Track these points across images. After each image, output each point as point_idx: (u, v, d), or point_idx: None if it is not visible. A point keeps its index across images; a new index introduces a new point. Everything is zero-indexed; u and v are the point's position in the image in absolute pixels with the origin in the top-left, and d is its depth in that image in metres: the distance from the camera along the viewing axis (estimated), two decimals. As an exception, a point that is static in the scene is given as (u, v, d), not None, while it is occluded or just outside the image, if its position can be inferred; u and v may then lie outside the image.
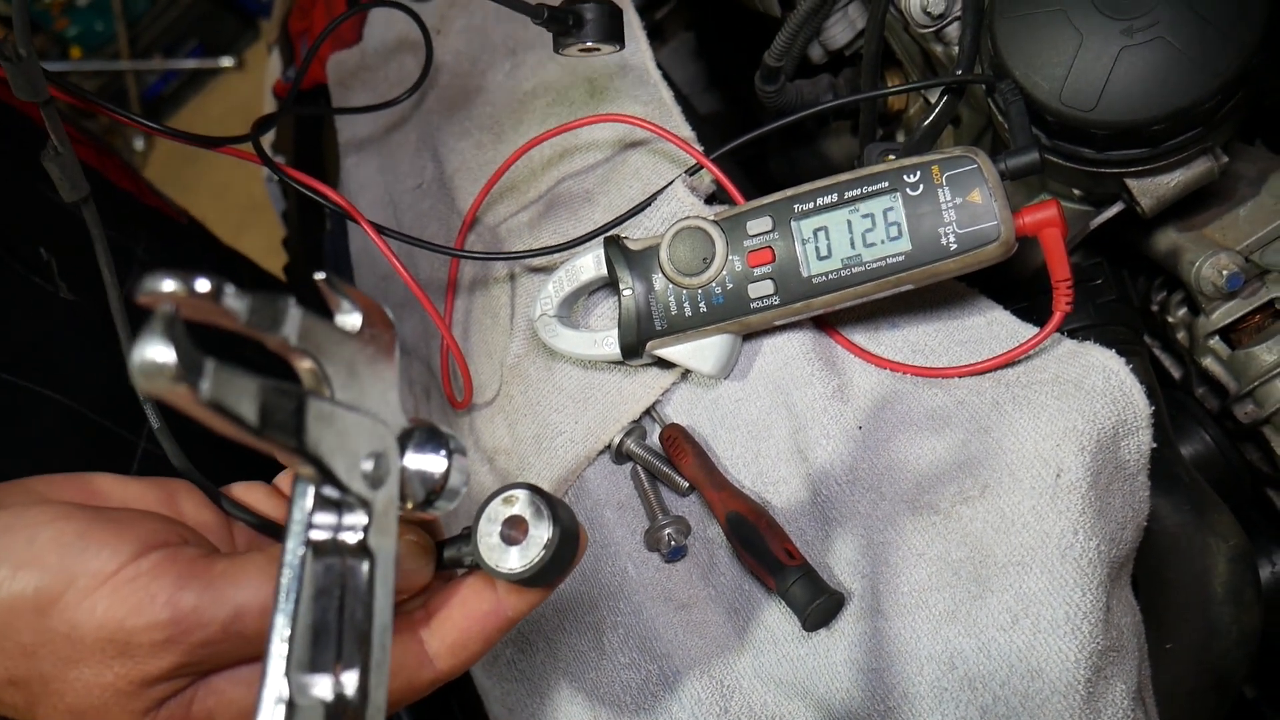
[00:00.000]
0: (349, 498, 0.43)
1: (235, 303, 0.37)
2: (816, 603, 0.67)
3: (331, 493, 0.43)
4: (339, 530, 0.44)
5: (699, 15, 1.29)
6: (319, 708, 0.41)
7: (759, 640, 0.71)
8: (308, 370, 0.43)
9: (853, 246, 0.71)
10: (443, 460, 0.48)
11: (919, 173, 0.70)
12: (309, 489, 0.43)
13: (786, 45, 0.88)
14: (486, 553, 0.52)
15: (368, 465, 0.44)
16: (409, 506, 0.48)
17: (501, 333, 0.89)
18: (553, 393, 0.83)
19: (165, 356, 0.34)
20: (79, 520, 0.49)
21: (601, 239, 0.80)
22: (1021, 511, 0.66)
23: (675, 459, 0.77)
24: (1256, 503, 0.85)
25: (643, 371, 0.81)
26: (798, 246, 0.73)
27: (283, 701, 0.40)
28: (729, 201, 0.81)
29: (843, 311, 0.76)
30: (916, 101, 0.94)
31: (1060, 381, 0.69)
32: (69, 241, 0.92)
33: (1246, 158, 0.80)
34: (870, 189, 0.71)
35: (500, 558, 0.52)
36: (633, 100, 0.90)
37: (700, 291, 0.75)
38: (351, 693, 0.42)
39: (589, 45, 0.75)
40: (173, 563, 0.49)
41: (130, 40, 3.34)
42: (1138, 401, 0.68)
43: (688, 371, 0.79)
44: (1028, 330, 0.73)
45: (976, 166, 0.68)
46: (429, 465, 0.48)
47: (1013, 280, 0.83)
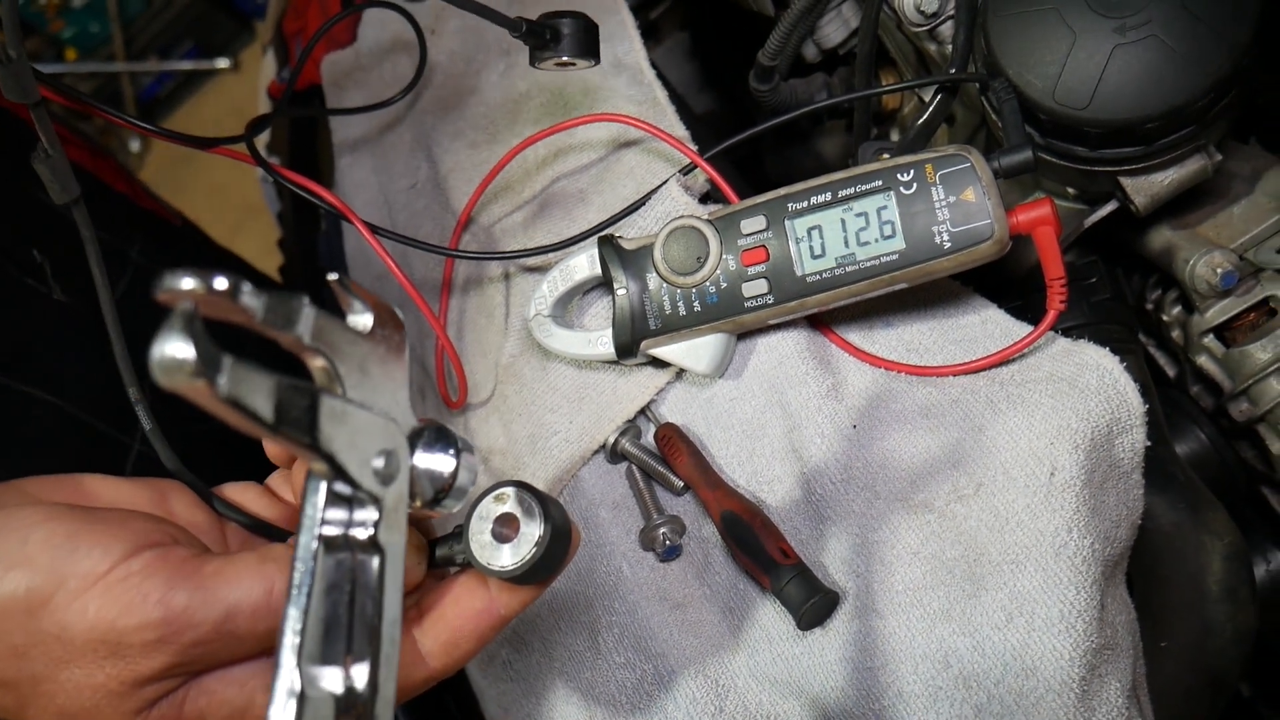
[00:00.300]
0: (360, 494, 0.44)
1: (252, 301, 0.38)
2: (811, 602, 0.67)
3: (343, 489, 0.44)
4: (350, 526, 0.44)
5: (694, 14, 1.29)
6: (329, 700, 0.41)
7: (754, 639, 0.71)
8: (320, 368, 0.43)
9: (846, 245, 0.71)
10: (451, 460, 0.49)
11: (912, 171, 0.70)
12: (321, 485, 0.44)
13: (780, 44, 0.88)
14: (478, 550, 0.52)
15: (378, 462, 0.44)
16: (417, 504, 0.49)
17: (496, 332, 0.89)
18: (547, 392, 0.83)
19: (185, 352, 0.35)
20: (69, 521, 0.49)
21: (595, 238, 0.80)
22: (1016, 510, 0.66)
23: (670, 458, 0.77)
24: (1251, 501, 0.85)
25: (637, 371, 0.81)
26: (792, 245, 0.73)
27: (294, 694, 0.40)
28: (723, 200, 0.81)
29: (837, 310, 0.76)
30: (911, 100, 0.94)
31: (1054, 380, 0.69)
32: (63, 243, 0.92)
33: (1240, 156, 0.81)
34: (864, 188, 0.71)
35: (492, 555, 0.52)
36: (627, 100, 0.90)
37: (694, 291, 0.75)
38: (361, 686, 0.42)
39: (565, 60, 0.76)
40: (164, 563, 0.49)
41: (125, 42, 3.33)
42: (1132, 400, 0.68)
43: (682, 371, 0.79)
44: (1022, 329, 0.73)
45: (970, 165, 0.68)
46: (438, 464, 0.48)
47: (1007, 279, 0.83)
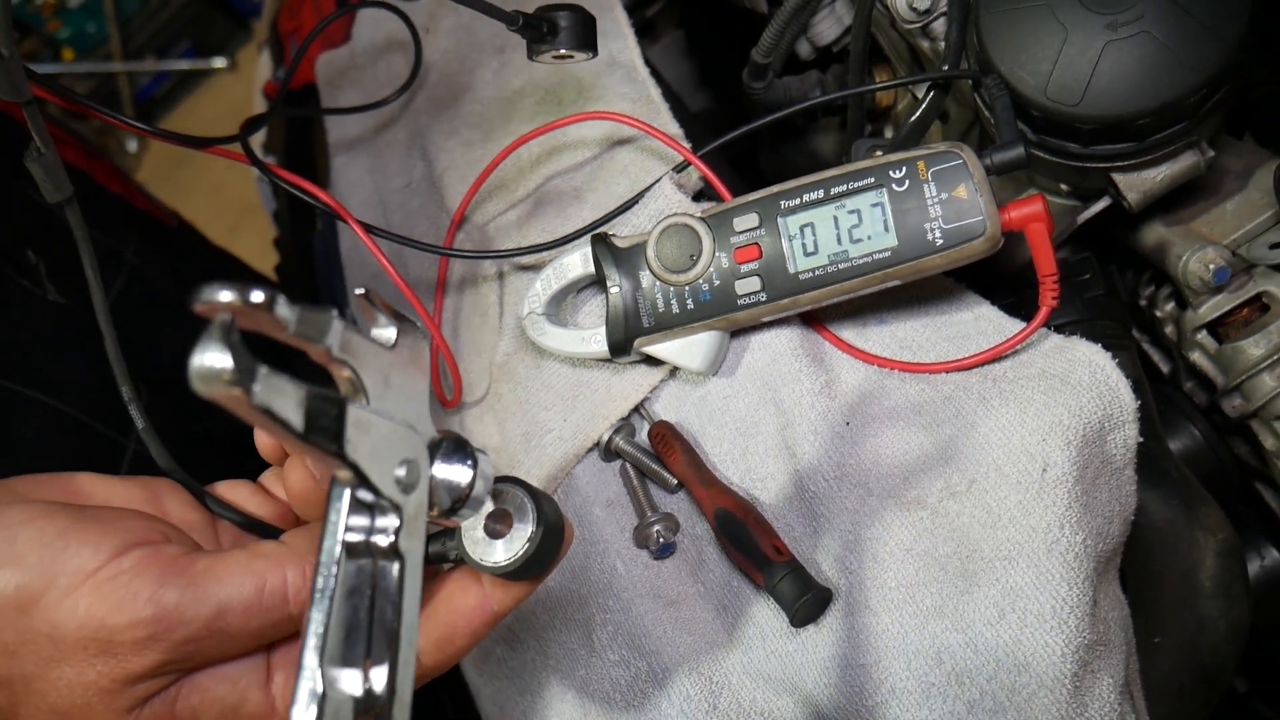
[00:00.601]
0: (382, 501, 0.45)
1: (286, 313, 0.39)
2: (804, 598, 0.67)
3: (366, 496, 0.45)
4: (371, 533, 0.45)
5: (690, 12, 1.29)
6: (349, 702, 0.42)
7: (747, 636, 0.71)
8: (346, 379, 0.45)
9: (839, 242, 0.71)
10: (468, 471, 0.49)
11: (904, 168, 0.70)
12: (345, 492, 0.45)
13: (774, 42, 0.88)
14: (471, 547, 0.52)
15: (400, 471, 0.45)
16: (434, 514, 0.49)
17: (490, 331, 0.89)
18: (541, 390, 0.83)
19: (223, 362, 0.36)
20: (60, 519, 0.49)
21: (589, 237, 0.80)
22: (1008, 506, 0.66)
23: (664, 456, 0.77)
24: (1245, 496, 0.85)
25: (631, 369, 0.81)
26: (784, 243, 0.73)
27: (316, 695, 0.41)
28: (717, 198, 0.81)
29: (830, 307, 0.76)
30: (904, 97, 0.94)
31: (1046, 376, 0.69)
32: (58, 245, 0.92)
33: (1233, 152, 0.81)
34: (856, 185, 0.71)
35: (485, 552, 0.52)
36: (620, 98, 0.90)
37: (687, 288, 0.75)
38: (380, 688, 0.43)
39: (562, 52, 0.76)
40: (154, 560, 0.49)
41: (122, 42, 3.33)
42: (1124, 396, 0.68)
43: (676, 369, 0.80)
44: (1014, 325, 0.74)
45: (962, 162, 0.68)
46: (455, 475, 0.49)
47: (1000, 275, 0.83)
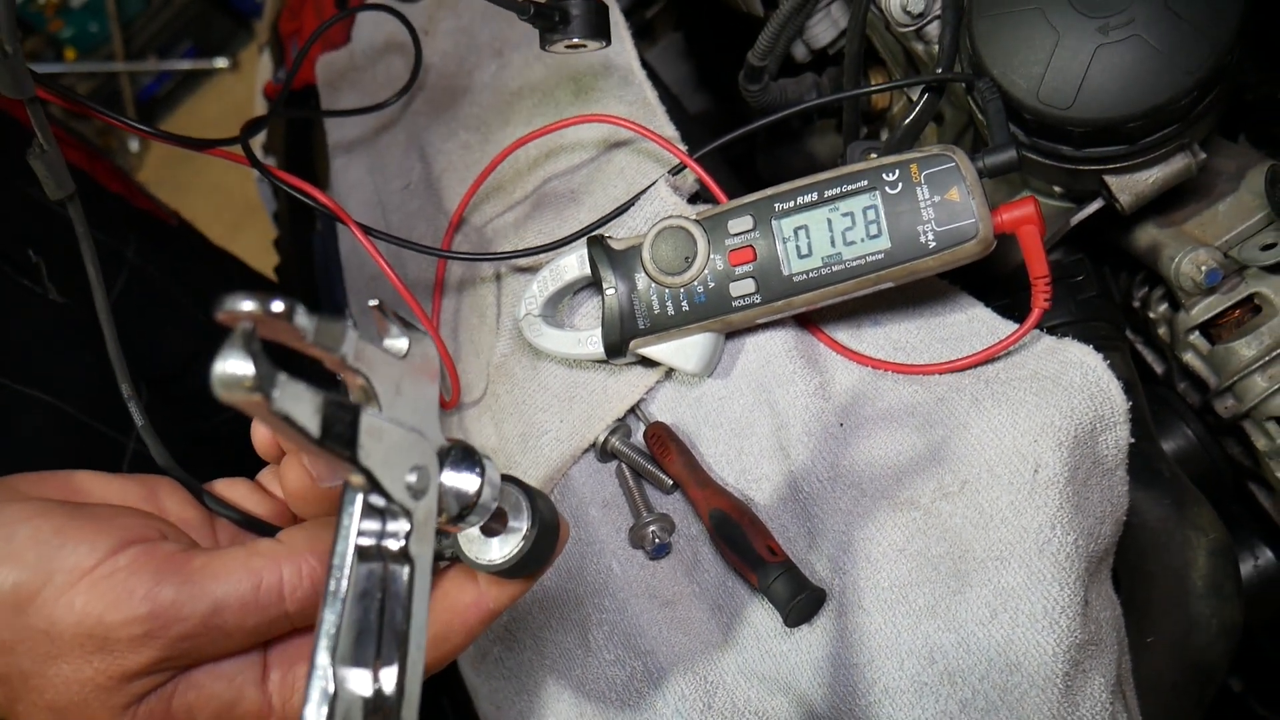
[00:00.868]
0: (393, 506, 0.45)
1: (304, 323, 0.40)
2: (798, 599, 0.67)
3: (378, 501, 0.46)
4: (383, 537, 0.46)
5: (688, 14, 1.29)
6: (359, 702, 0.43)
7: (742, 636, 0.72)
8: (359, 387, 0.46)
9: (833, 245, 0.72)
10: (476, 479, 0.50)
11: (897, 171, 0.70)
12: (358, 497, 0.46)
13: (770, 44, 0.88)
14: (466, 545, 0.52)
15: (411, 478, 0.46)
16: (442, 520, 0.50)
17: (488, 332, 0.90)
18: (538, 392, 0.83)
19: (245, 369, 0.37)
20: (56, 516, 0.49)
21: (585, 239, 0.81)
22: (1000, 507, 0.66)
23: (659, 457, 0.77)
24: (1238, 496, 0.86)
25: (627, 370, 0.81)
26: (779, 245, 0.73)
27: (328, 695, 0.42)
28: (713, 200, 0.81)
29: (825, 309, 0.77)
30: (900, 100, 0.94)
31: (1038, 378, 0.70)
32: (58, 244, 0.93)
33: (1225, 154, 0.81)
34: (849, 188, 0.71)
35: (480, 550, 0.52)
36: (617, 100, 0.90)
37: (683, 290, 0.76)
38: (389, 689, 0.44)
39: (575, 41, 0.75)
40: (151, 557, 0.49)
41: (124, 41, 3.34)
42: (1115, 397, 0.69)
43: (671, 370, 0.80)
44: (1007, 327, 0.74)
45: (954, 165, 0.69)
46: (463, 483, 0.49)
47: (994, 277, 0.84)
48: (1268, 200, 0.75)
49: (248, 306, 0.38)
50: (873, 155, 0.76)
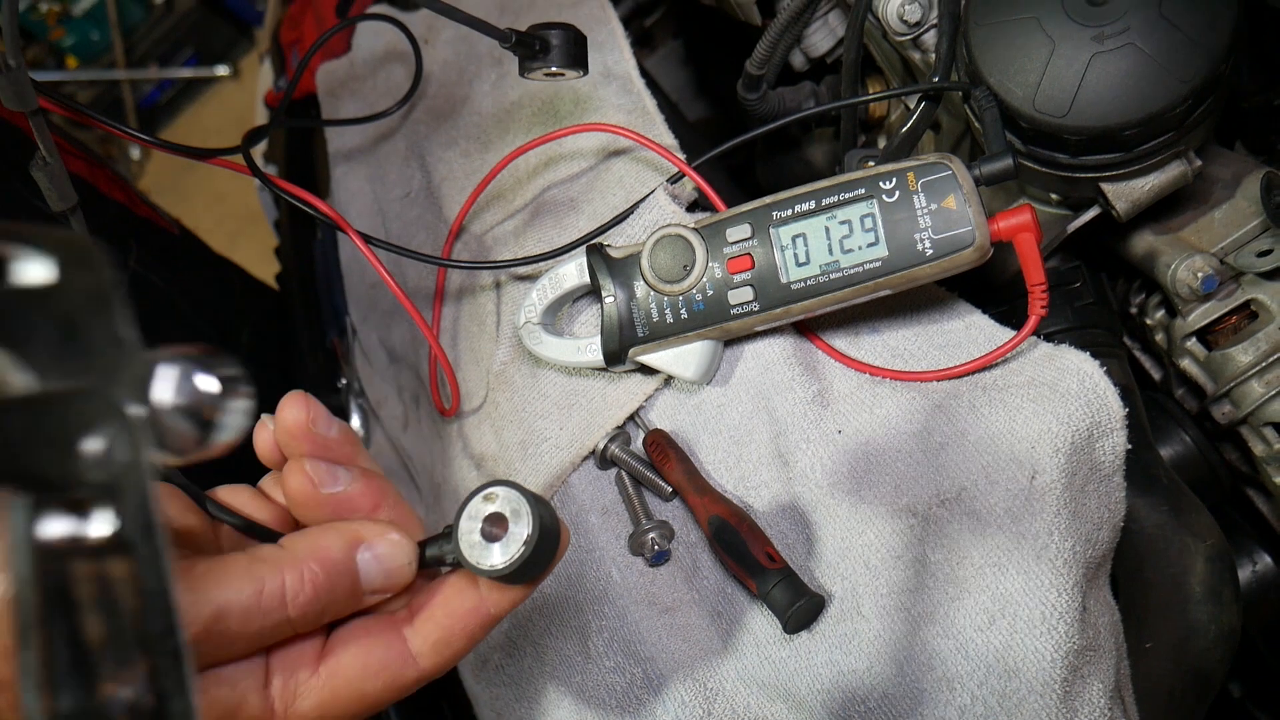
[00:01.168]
0: (81, 494, 0.35)
1: None
2: (797, 605, 0.67)
3: (56, 496, 0.35)
4: (84, 528, 0.35)
5: (687, 23, 1.30)
6: None
7: (741, 643, 0.72)
8: None
9: (830, 253, 0.72)
10: (210, 380, 0.39)
11: (894, 179, 0.71)
12: (21, 503, 0.35)
13: (768, 53, 0.89)
14: (468, 550, 0.52)
15: (93, 445, 0.35)
16: (185, 451, 0.39)
17: (488, 340, 0.90)
18: (538, 399, 0.84)
19: None
20: None
21: (584, 247, 0.81)
22: (998, 513, 0.67)
23: (659, 464, 0.78)
24: (1236, 502, 0.86)
25: (626, 378, 0.81)
26: (776, 253, 0.74)
27: None
28: (711, 209, 0.82)
29: (823, 316, 0.77)
30: (898, 108, 0.95)
31: (1036, 384, 0.70)
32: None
33: (1221, 161, 0.81)
34: (847, 196, 0.72)
35: (481, 555, 0.52)
36: (616, 109, 0.91)
37: (681, 298, 0.76)
38: (144, 696, 0.34)
39: (554, 70, 0.77)
40: None
41: (126, 50, 3.35)
42: (1112, 403, 0.69)
43: (670, 378, 0.80)
44: (1005, 334, 0.74)
45: (951, 173, 0.69)
46: (188, 394, 0.38)
47: (991, 284, 0.84)
48: (1263, 207, 0.76)
49: None
50: (870, 163, 0.76)
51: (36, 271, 0.34)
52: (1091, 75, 0.69)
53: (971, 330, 0.76)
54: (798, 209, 0.73)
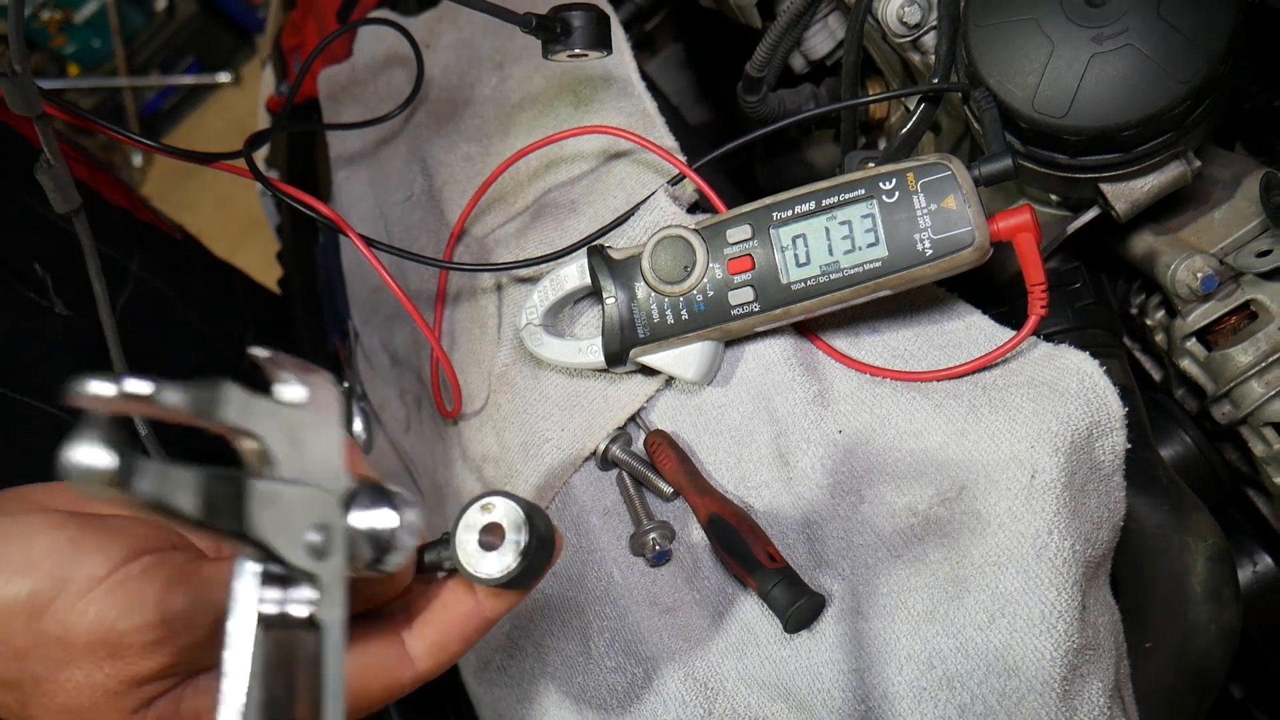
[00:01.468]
0: (294, 573, 0.43)
1: (171, 397, 0.37)
2: (797, 604, 0.68)
3: (277, 569, 0.43)
4: (286, 604, 0.43)
5: (687, 27, 1.30)
6: None
7: (742, 642, 0.72)
8: (251, 450, 0.42)
9: (831, 253, 0.72)
10: (391, 517, 0.47)
11: (894, 180, 0.71)
12: (252, 567, 0.43)
13: (768, 56, 0.89)
14: (464, 558, 0.54)
15: (312, 537, 0.43)
16: (360, 566, 0.48)
17: (489, 342, 0.90)
18: (539, 401, 0.84)
19: (99, 461, 0.34)
20: (71, 527, 0.50)
21: (585, 249, 0.81)
22: (998, 512, 0.67)
23: (659, 465, 0.78)
24: (1236, 502, 0.86)
25: (627, 379, 0.82)
26: (777, 254, 0.74)
27: None
28: (712, 210, 0.82)
29: (823, 317, 0.77)
30: (898, 109, 0.95)
31: (1035, 384, 0.70)
32: (64, 258, 0.93)
33: (1221, 161, 0.82)
34: (847, 196, 0.72)
35: (478, 563, 0.54)
36: (617, 111, 0.91)
37: (682, 299, 0.76)
38: None
39: (577, 51, 0.76)
40: (162, 566, 0.50)
41: (127, 57, 3.36)
42: (1111, 403, 0.69)
43: (671, 378, 0.81)
44: (1005, 334, 0.75)
45: (950, 173, 0.69)
46: (376, 523, 0.47)
47: (991, 284, 0.84)
48: (1263, 207, 0.76)
49: (101, 390, 0.34)
50: (870, 164, 0.77)
51: (294, 393, 0.43)
52: (1090, 76, 0.70)
53: (971, 330, 0.76)
54: (798, 210, 0.73)
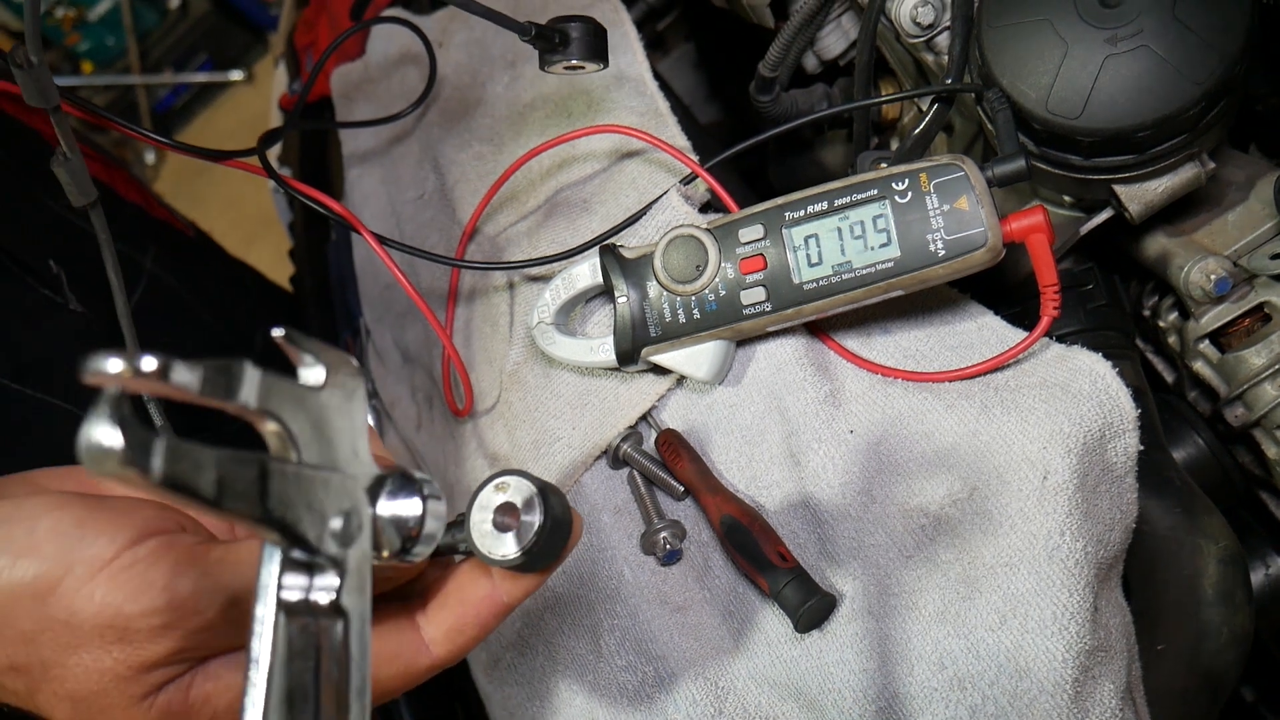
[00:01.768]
0: (319, 559, 0.42)
1: (185, 376, 0.36)
2: (808, 604, 0.68)
3: (301, 555, 0.42)
4: (311, 590, 0.42)
5: (700, 26, 1.30)
6: None
7: (753, 642, 0.72)
8: (272, 432, 0.42)
9: (843, 253, 0.72)
10: (417, 505, 0.47)
11: (907, 180, 0.71)
12: (276, 552, 0.42)
13: (780, 56, 0.89)
14: (480, 540, 0.52)
15: (337, 523, 0.43)
16: (385, 555, 0.48)
17: (501, 340, 0.90)
18: (551, 399, 0.84)
19: (112, 440, 0.34)
20: (77, 509, 0.49)
21: (597, 248, 0.81)
22: (1009, 513, 0.67)
23: (671, 464, 0.78)
24: (1249, 504, 0.86)
25: (638, 378, 0.82)
26: (789, 254, 0.74)
27: None
28: (724, 210, 0.82)
29: (835, 317, 0.77)
30: (910, 110, 0.95)
31: (1047, 385, 0.70)
32: (78, 254, 0.94)
33: (1235, 163, 0.81)
34: (859, 197, 0.72)
35: (493, 545, 0.52)
36: (629, 111, 0.91)
37: (694, 298, 0.76)
38: None
39: (574, 63, 0.77)
40: (170, 549, 0.49)
41: (141, 55, 3.37)
42: (1124, 404, 0.69)
43: (683, 377, 0.81)
44: (1017, 335, 0.74)
45: (964, 174, 0.69)
46: (403, 511, 0.47)
47: (1003, 285, 0.84)
48: (1277, 210, 0.75)
49: (114, 368, 0.34)
50: (883, 165, 0.77)
51: (315, 375, 0.43)
52: (1105, 77, 0.69)
53: (984, 331, 0.76)
54: (810, 210, 0.73)
